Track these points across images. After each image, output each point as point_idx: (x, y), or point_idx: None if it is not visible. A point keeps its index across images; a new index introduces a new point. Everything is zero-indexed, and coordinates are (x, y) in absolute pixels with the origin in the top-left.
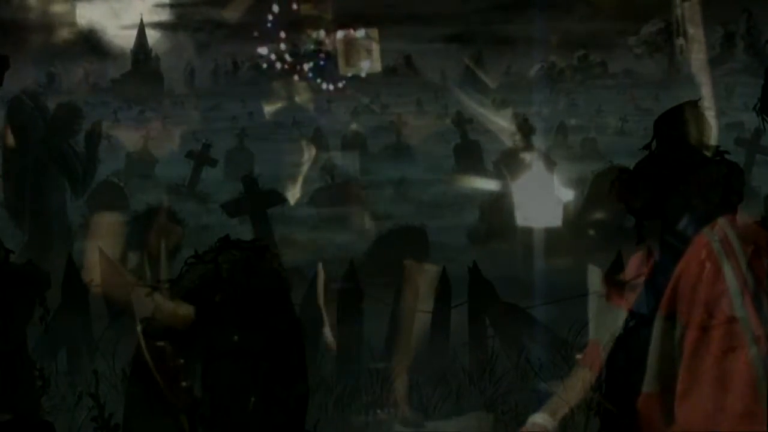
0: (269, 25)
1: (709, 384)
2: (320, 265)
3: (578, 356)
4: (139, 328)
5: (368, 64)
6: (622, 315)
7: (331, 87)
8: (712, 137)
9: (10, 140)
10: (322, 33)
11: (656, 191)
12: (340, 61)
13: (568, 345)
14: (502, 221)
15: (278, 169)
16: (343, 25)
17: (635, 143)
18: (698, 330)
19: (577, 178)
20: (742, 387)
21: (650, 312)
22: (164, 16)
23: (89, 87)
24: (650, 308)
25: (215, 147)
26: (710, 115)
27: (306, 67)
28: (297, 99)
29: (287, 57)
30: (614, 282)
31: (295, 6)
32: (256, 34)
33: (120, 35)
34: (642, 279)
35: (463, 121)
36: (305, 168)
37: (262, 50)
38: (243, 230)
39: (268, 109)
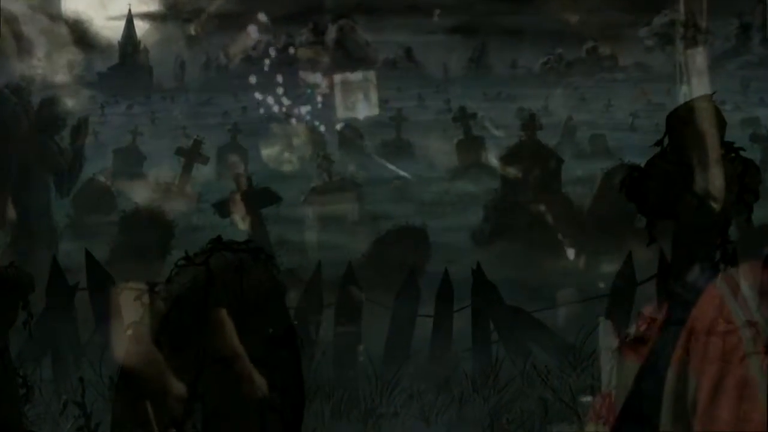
0: (266, 69)
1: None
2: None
3: (590, 411)
4: (129, 332)
5: (366, 108)
6: (634, 368)
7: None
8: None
9: None
10: (318, 76)
11: (668, 190)
12: (338, 105)
13: (576, 350)
14: (507, 221)
15: (273, 166)
16: (341, 16)
17: (646, 140)
18: (714, 382)
19: (586, 175)
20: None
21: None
22: (153, 6)
23: (75, 81)
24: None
25: (207, 143)
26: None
27: (303, 110)
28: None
29: (284, 100)
30: (626, 337)
31: (291, 50)
32: (252, 79)
33: (107, 27)
34: (654, 331)
35: (466, 117)
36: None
37: (258, 96)
38: (236, 231)
39: (267, 152)
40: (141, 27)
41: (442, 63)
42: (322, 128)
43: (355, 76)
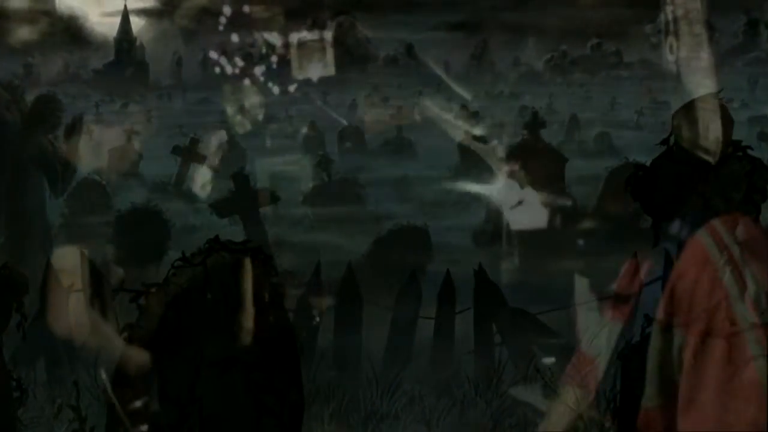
0: (221, 28)
1: (714, 392)
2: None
3: (566, 374)
4: (123, 335)
5: (321, 68)
6: (617, 329)
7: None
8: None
9: None
10: (274, 35)
11: (674, 189)
12: (293, 65)
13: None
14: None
15: (271, 166)
16: (340, 13)
17: (652, 138)
18: (700, 338)
19: (591, 175)
20: (749, 395)
21: None
22: (149, 2)
23: (69, 78)
24: None
25: (204, 142)
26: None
27: (258, 71)
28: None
29: (238, 61)
30: (606, 295)
31: (246, 8)
32: (204, 38)
33: (102, 23)
34: (635, 289)
35: (468, 115)
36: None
37: (213, 54)
38: (233, 231)
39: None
40: (137, 23)
41: (443, 60)
42: (276, 90)
43: (312, 35)
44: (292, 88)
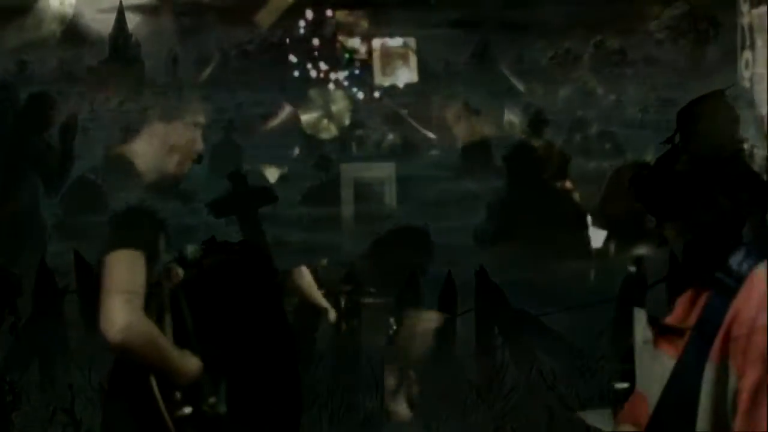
0: (302, 31)
1: None
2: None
3: (620, 410)
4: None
5: (406, 74)
6: (671, 363)
7: (364, 96)
8: (741, 129)
9: None
10: (357, 41)
11: (679, 189)
12: (376, 71)
13: (584, 355)
14: (511, 221)
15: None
16: (340, 9)
17: (657, 136)
18: (758, 378)
19: (594, 174)
20: None
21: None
22: None
23: (64, 76)
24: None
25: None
26: None
27: (341, 75)
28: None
29: (321, 65)
30: (662, 327)
31: (329, 13)
32: (288, 41)
33: (97, 19)
34: (691, 322)
35: (469, 113)
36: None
37: (293, 58)
38: (231, 231)
39: (305, 118)
40: (132, 20)
41: (444, 58)
42: (360, 95)
43: (395, 41)
44: (377, 94)
